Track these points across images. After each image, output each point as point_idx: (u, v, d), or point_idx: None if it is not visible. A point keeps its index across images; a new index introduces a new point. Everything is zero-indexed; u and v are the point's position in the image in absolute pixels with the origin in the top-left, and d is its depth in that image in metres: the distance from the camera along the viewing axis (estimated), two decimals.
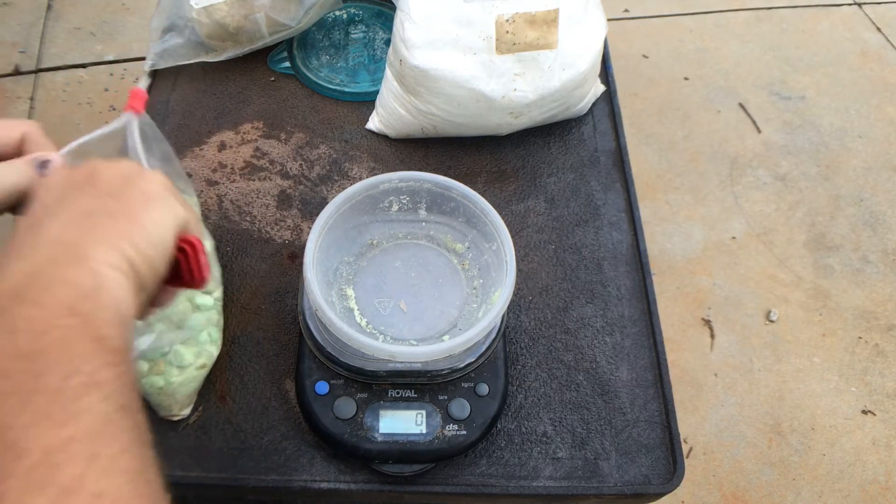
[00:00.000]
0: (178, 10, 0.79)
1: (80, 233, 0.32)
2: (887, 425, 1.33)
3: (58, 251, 0.31)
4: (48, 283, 0.29)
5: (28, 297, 0.28)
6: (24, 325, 0.28)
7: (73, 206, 0.33)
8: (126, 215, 0.34)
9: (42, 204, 0.35)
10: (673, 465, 0.57)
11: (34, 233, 0.32)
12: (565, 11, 0.68)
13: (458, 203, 0.59)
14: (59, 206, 0.34)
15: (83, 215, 0.33)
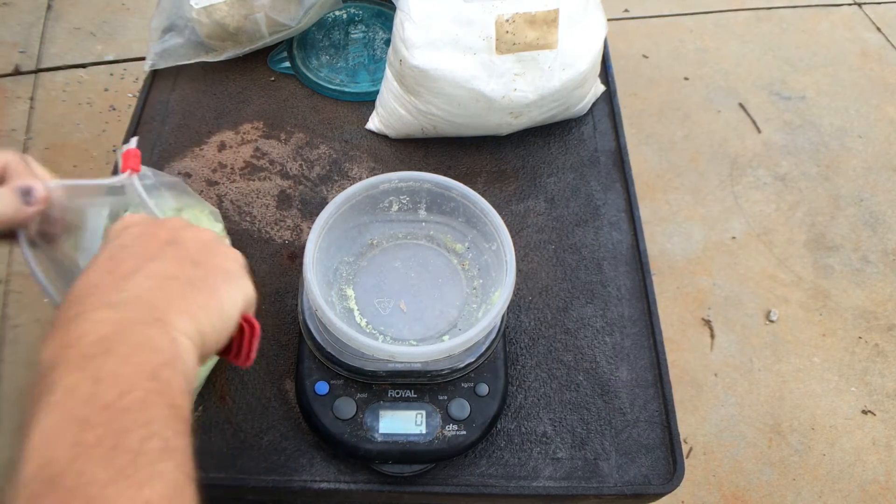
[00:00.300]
0: (178, 10, 0.79)
1: (166, 298, 0.34)
2: (887, 425, 1.33)
3: (144, 312, 0.33)
4: (134, 342, 0.31)
5: (115, 351, 0.30)
6: (109, 379, 0.29)
7: (160, 268, 0.35)
8: (206, 288, 0.36)
9: (128, 251, 0.36)
10: (673, 465, 0.57)
11: (121, 281, 0.34)
12: (565, 11, 0.68)
13: (458, 203, 0.59)
14: (146, 262, 0.35)
15: (169, 279, 0.35)
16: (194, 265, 0.37)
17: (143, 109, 0.78)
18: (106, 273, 0.35)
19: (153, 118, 0.78)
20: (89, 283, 0.34)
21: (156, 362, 0.30)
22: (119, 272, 0.35)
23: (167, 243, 0.37)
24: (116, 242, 0.37)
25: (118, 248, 0.37)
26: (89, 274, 0.35)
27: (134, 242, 0.37)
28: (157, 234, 0.38)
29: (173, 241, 0.38)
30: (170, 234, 0.38)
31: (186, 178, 0.72)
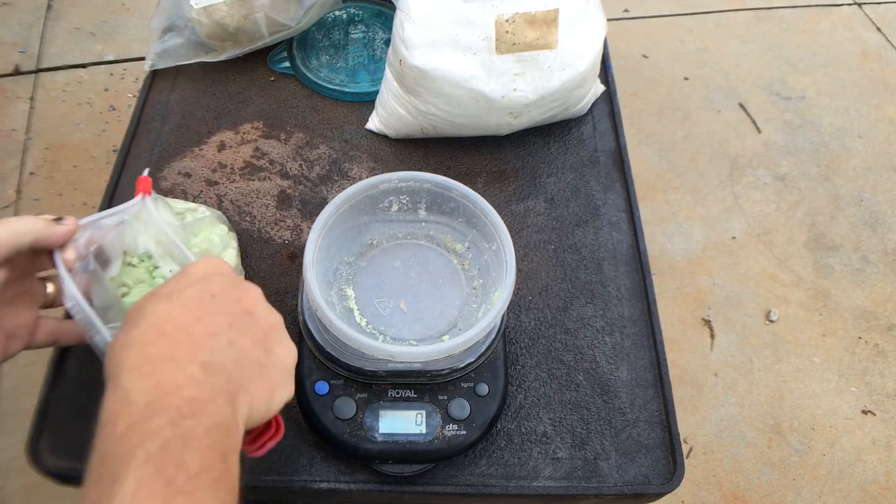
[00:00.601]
0: (178, 10, 0.79)
1: (241, 376, 0.35)
2: (887, 425, 1.33)
3: (224, 385, 0.34)
4: (216, 418, 0.32)
5: (202, 419, 0.31)
6: (195, 449, 0.30)
7: (242, 342, 0.37)
8: (268, 379, 0.37)
9: (215, 304, 0.37)
10: (673, 465, 0.57)
11: (209, 338, 0.35)
12: (565, 11, 0.68)
13: (458, 203, 0.59)
14: (231, 327, 0.37)
15: (246, 356, 0.36)
16: (266, 351, 0.38)
17: (143, 109, 0.78)
18: (195, 319, 0.36)
19: (153, 118, 0.78)
20: (178, 322, 0.35)
21: (227, 446, 0.32)
22: (207, 326, 0.36)
23: (247, 313, 0.38)
24: (204, 287, 0.38)
25: (207, 296, 0.38)
26: (176, 306, 0.36)
27: (220, 295, 0.38)
28: (240, 297, 0.39)
29: (251, 314, 0.39)
30: (250, 303, 0.39)
31: (186, 177, 0.72)
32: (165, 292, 0.37)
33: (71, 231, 0.45)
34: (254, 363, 0.37)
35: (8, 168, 1.57)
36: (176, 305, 0.36)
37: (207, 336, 0.35)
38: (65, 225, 0.45)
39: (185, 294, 0.37)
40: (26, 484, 1.14)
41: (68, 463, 0.54)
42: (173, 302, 0.36)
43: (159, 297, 0.37)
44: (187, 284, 0.38)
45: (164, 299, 0.37)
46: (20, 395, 1.24)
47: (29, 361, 1.27)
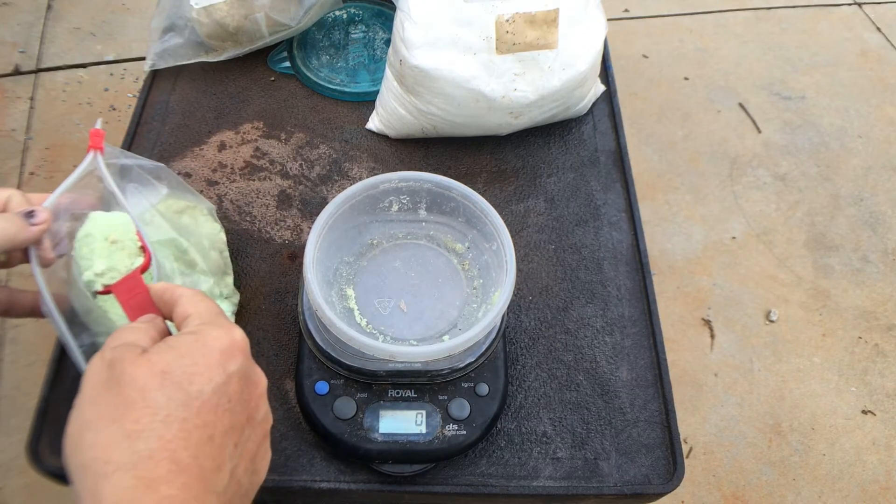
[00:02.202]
0: (178, 10, 0.79)
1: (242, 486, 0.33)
2: (887, 425, 1.33)
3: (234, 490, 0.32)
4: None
5: None
6: None
7: (236, 470, 0.33)
8: (256, 485, 0.35)
9: (227, 417, 0.33)
10: (673, 465, 0.57)
11: (221, 461, 0.32)
12: (565, 11, 0.68)
13: (458, 203, 0.59)
14: (235, 447, 0.33)
15: (237, 488, 0.33)
16: (253, 472, 0.35)
17: (143, 109, 0.78)
18: (207, 440, 0.31)
19: (153, 118, 0.78)
20: (192, 447, 0.30)
21: None
22: (217, 454, 0.31)
23: (249, 422, 0.34)
24: (223, 387, 0.32)
25: (224, 401, 0.32)
26: (192, 416, 0.31)
27: (234, 400, 0.33)
28: (249, 398, 0.34)
29: (252, 421, 0.35)
30: (254, 405, 0.35)
31: (186, 177, 0.72)
32: (182, 382, 0.31)
33: (44, 229, 0.43)
34: (242, 495, 0.34)
35: (8, 168, 1.57)
36: (193, 413, 0.31)
37: (215, 470, 0.31)
38: (38, 224, 0.42)
39: (204, 396, 0.32)
40: (26, 484, 1.14)
41: None
42: (190, 409, 0.31)
43: (173, 386, 0.31)
44: (206, 379, 0.32)
45: (180, 405, 0.31)
46: (20, 395, 1.24)
47: (29, 361, 1.27)
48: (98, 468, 0.29)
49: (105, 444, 0.30)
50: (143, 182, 0.54)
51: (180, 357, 0.32)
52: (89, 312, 0.47)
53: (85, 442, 0.30)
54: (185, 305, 0.37)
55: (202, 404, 0.31)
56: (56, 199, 0.45)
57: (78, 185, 0.47)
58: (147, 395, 0.31)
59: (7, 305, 0.46)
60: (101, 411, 0.31)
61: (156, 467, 0.29)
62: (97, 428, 0.30)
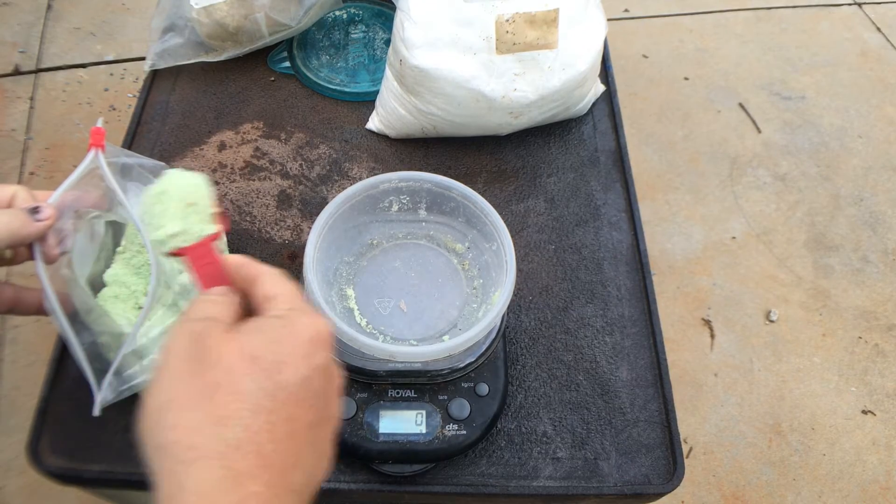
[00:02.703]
0: (178, 10, 0.79)
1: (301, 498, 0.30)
2: (887, 425, 1.33)
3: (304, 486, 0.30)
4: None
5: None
6: None
7: (310, 459, 0.31)
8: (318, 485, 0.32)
9: (309, 411, 0.31)
10: (673, 465, 0.57)
11: (298, 457, 0.30)
12: (565, 11, 0.68)
13: (458, 203, 0.59)
14: (306, 454, 0.31)
15: (306, 489, 0.31)
16: (320, 470, 0.33)
17: (143, 109, 0.78)
18: (289, 436, 0.29)
19: (153, 118, 0.78)
20: (277, 440, 0.29)
21: None
22: (296, 449, 0.30)
23: (328, 419, 0.33)
24: (308, 381, 0.31)
25: (309, 396, 0.31)
26: (279, 406, 0.29)
27: (318, 393, 0.31)
28: (328, 391, 0.33)
29: (329, 420, 0.33)
30: (333, 400, 0.33)
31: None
32: (271, 370, 0.30)
33: (49, 224, 0.43)
34: (307, 496, 0.31)
35: (8, 168, 1.57)
36: (279, 405, 0.29)
37: (294, 467, 0.30)
38: (43, 220, 0.42)
39: (290, 388, 0.30)
40: (26, 484, 1.14)
41: (68, 463, 0.54)
42: (276, 400, 0.29)
43: (262, 373, 0.29)
44: (293, 369, 0.30)
45: (268, 394, 0.29)
46: (20, 395, 1.24)
47: (29, 361, 1.27)
48: (180, 453, 0.28)
49: (189, 428, 0.28)
50: (143, 181, 0.54)
51: (269, 342, 0.31)
52: (90, 311, 0.47)
53: (166, 421, 0.29)
54: (269, 285, 0.34)
55: (288, 396, 0.30)
56: (60, 197, 0.45)
57: (81, 183, 0.47)
58: (235, 380, 0.29)
59: (13, 303, 0.46)
60: (184, 390, 0.29)
61: (242, 459, 0.27)
62: (180, 408, 0.29)
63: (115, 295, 0.53)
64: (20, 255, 0.45)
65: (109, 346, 0.48)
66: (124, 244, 0.56)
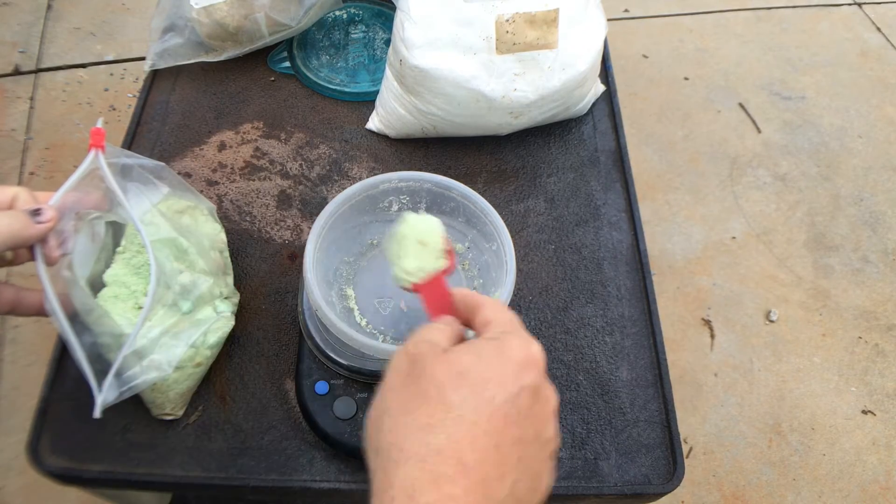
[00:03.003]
0: (178, 10, 0.79)
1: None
2: (887, 425, 1.33)
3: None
4: None
5: None
6: None
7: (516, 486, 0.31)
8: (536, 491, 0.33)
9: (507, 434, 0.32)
10: (673, 465, 0.57)
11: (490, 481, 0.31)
12: (565, 11, 0.68)
13: (458, 203, 0.59)
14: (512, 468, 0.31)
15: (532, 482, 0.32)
16: (534, 490, 0.33)
17: (143, 109, 0.78)
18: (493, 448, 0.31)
19: (153, 118, 0.78)
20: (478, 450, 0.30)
21: None
22: (501, 462, 0.31)
23: (537, 439, 0.33)
24: (514, 398, 0.32)
25: (514, 412, 0.32)
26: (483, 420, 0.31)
27: (525, 413, 0.32)
28: (538, 413, 0.33)
29: (539, 439, 0.33)
30: (543, 422, 0.34)
31: (186, 177, 0.72)
32: (478, 386, 0.32)
33: (51, 226, 0.44)
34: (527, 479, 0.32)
35: (8, 168, 1.57)
36: (483, 418, 0.31)
37: (497, 479, 0.30)
38: (44, 222, 0.43)
39: (495, 403, 0.31)
40: (26, 484, 1.14)
41: (68, 463, 0.54)
42: (480, 413, 0.31)
43: (468, 388, 0.31)
44: (500, 386, 0.32)
45: (472, 408, 0.31)
46: (20, 395, 1.24)
47: (29, 361, 1.27)
48: (392, 454, 0.31)
49: (400, 433, 0.32)
50: (144, 181, 0.54)
51: (478, 361, 0.33)
52: (90, 312, 0.47)
53: (384, 426, 0.33)
54: (488, 312, 0.38)
55: (493, 411, 0.31)
56: (61, 198, 0.45)
57: (81, 184, 0.47)
58: (443, 393, 0.32)
59: (14, 304, 0.46)
60: (399, 401, 0.33)
61: (443, 463, 0.30)
62: (394, 415, 0.32)
63: (115, 295, 0.53)
64: (20, 257, 0.45)
65: (110, 346, 0.48)
66: (124, 244, 0.56)
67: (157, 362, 0.51)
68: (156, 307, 0.52)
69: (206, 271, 0.56)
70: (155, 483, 0.54)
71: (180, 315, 0.54)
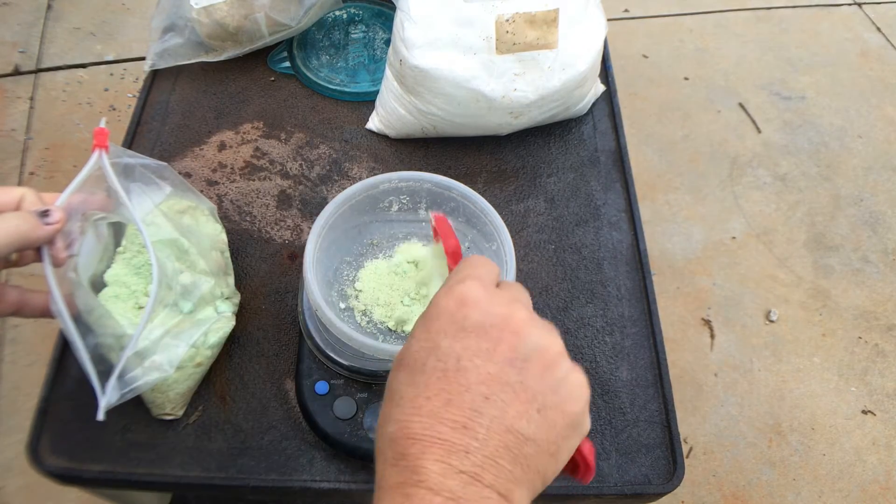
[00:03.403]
0: (178, 10, 0.79)
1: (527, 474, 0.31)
2: (887, 425, 1.33)
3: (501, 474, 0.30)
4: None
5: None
6: None
7: (546, 434, 0.31)
8: (557, 453, 0.32)
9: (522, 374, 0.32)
10: (673, 465, 0.57)
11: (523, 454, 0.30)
12: (565, 11, 0.68)
13: (458, 203, 0.59)
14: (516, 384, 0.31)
15: (546, 446, 0.31)
16: (567, 431, 0.32)
17: (143, 109, 0.78)
18: (504, 386, 0.31)
19: (153, 118, 0.78)
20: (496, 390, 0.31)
21: None
22: (518, 399, 0.31)
23: (544, 369, 0.32)
24: (514, 337, 0.32)
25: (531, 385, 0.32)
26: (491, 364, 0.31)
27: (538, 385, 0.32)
28: (554, 370, 0.33)
29: (551, 368, 0.33)
30: (563, 367, 0.33)
31: (187, 177, 0.72)
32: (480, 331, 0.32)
33: (59, 227, 0.44)
34: (546, 454, 0.31)
35: (8, 168, 1.57)
36: (492, 363, 0.31)
37: (517, 416, 0.31)
38: (52, 223, 0.43)
39: (499, 349, 0.32)
40: (26, 484, 1.14)
41: (68, 463, 0.54)
42: (494, 358, 0.31)
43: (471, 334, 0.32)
44: (498, 324, 0.33)
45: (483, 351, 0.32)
46: (20, 395, 1.24)
47: (29, 361, 1.27)
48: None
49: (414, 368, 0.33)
50: (146, 181, 0.55)
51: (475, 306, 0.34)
52: (91, 312, 0.47)
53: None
54: None
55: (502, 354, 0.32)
56: (67, 199, 0.46)
57: (86, 185, 0.47)
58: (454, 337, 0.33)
59: (18, 306, 0.46)
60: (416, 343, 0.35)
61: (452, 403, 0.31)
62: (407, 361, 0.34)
63: (116, 295, 0.53)
64: (25, 258, 0.45)
65: (111, 347, 0.48)
66: (125, 244, 0.56)
67: (158, 363, 0.51)
68: (157, 308, 0.52)
69: (206, 272, 0.56)
70: (155, 483, 0.54)
71: (181, 315, 0.54)
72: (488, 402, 0.30)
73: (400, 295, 0.58)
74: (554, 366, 0.33)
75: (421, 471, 0.29)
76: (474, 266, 0.36)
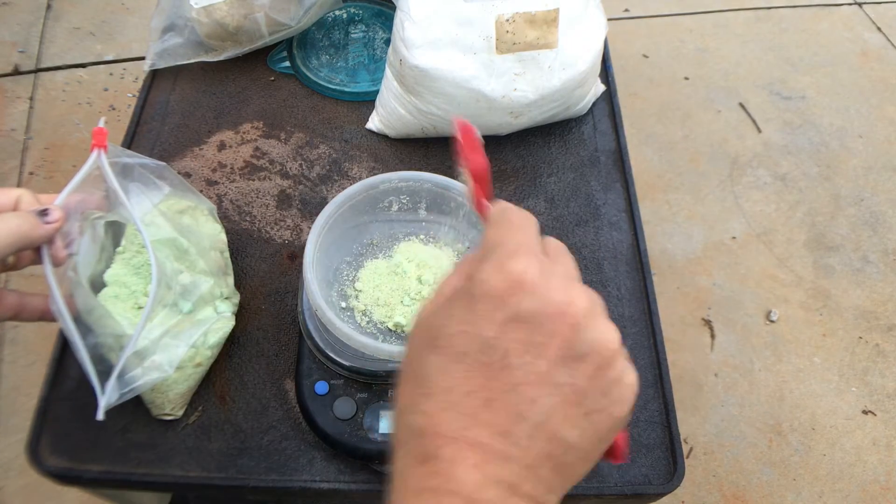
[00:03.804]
0: (178, 10, 0.79)
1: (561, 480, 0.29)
2: (887, 425, 1.33)
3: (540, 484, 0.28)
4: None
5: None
6: None
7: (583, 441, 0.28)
8: (595, 458, 0.30)
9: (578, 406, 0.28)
10: (673, 465, 0.57)
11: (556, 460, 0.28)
12: (565, 11, 0.68)
13: (458, 203, 0.59)
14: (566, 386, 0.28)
15: (586, 453, 0.29)
16: (609, 435, 0.30)
17: (142, 109, 0.78)
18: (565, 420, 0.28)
19: (153, 118, 0.78)
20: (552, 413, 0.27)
21: None
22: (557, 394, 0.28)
23: (608, 389, 0.29)
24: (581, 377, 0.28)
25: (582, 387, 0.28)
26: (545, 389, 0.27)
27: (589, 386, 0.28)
28: (608, 371, 0.29)
29: (609, 392, 0.29)
30: (618, 367, 0.29)
31: (186, 177, 0.72)
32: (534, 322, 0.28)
33: (59, 227, 0.44)
34: (581, 460, 0.29)
35: (8, 168, 1.57)
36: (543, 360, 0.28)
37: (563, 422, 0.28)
38: (52, 222, 0.43)
39: (552, 344, 0.28)
40: (26, 484, 1.14)
41: (68, 463, 0.54)
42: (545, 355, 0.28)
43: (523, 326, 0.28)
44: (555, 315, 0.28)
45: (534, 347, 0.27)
46: (20, 395, 1.24)
47: (29, 361, 1.27)
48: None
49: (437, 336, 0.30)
50: (145, 181, 0.54)
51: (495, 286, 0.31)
52: (91, 312, 0.47)
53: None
54: None
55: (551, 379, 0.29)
56: (66, 199, 0.46)
57: (84, 185, 0.48)
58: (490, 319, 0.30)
59: (17, 309, 0.46)
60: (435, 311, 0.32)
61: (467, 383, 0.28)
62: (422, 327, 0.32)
63: (115, 295, 0.53)
64: (23, 260, 0.45)
65: (111, 347, 0.48)
66: (124, 244, 0.56)
67: (158, 363, 0.51)
68: (157, 308, 0.52)
69: (206, 272, 0.56)
70: (155, 483, 0.54)
71: (181, 315, 0.54)
72: (534, 405, 0.27)
73: (400, 295, 0.58)
74: (608, 366, 0.29)
75: (454, 478, 0.26)
76: (521, 229, 0.31)
